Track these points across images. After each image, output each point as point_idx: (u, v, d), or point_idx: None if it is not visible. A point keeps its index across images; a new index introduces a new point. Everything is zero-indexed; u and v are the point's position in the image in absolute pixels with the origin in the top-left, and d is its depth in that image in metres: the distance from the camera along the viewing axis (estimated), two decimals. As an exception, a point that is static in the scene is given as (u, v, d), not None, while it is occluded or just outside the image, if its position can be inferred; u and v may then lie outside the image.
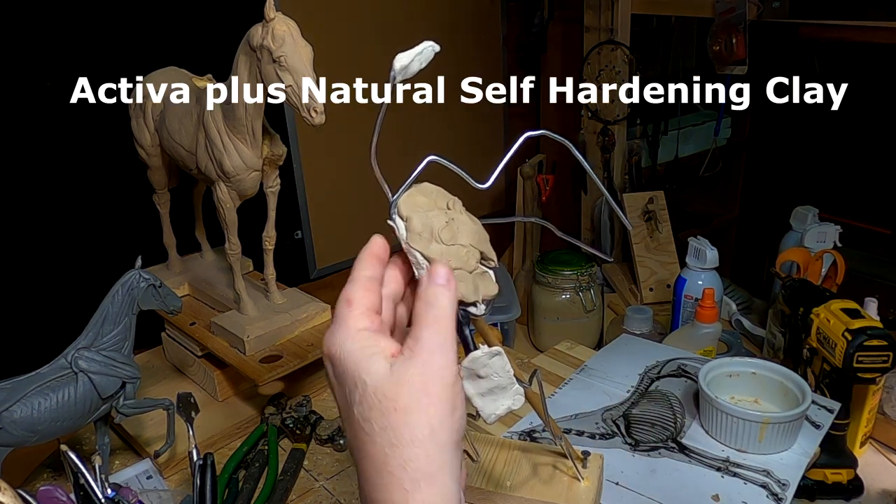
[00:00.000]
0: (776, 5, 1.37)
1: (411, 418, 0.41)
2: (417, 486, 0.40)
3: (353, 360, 0.43)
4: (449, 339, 0.44)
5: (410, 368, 0.42)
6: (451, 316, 0.45)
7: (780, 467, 0.80)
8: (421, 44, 0.48)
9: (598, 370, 1.02)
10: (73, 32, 1.18)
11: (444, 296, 0.45)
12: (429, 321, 0.44)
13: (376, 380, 0.42)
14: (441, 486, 0.41)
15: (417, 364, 0.42)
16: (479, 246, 0.51)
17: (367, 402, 0.42)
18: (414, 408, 0.41)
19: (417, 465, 0.40)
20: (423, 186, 0.51)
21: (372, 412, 0.41)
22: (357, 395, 0.42)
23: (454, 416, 0.42)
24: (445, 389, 0.42)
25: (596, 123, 1.73)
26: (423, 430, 0.41)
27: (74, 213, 1.24)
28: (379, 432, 0.41)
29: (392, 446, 0.41)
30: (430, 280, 0.46)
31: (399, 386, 0.41)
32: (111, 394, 0.80)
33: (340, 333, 0.44)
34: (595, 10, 1.67)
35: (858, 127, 1.69)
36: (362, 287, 0.46)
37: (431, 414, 0.41)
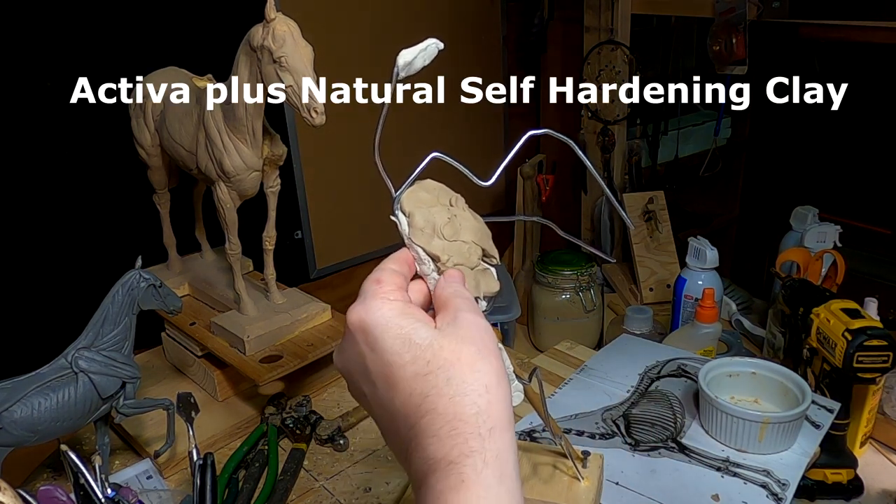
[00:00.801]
0: (776, 5, 1.37)
1: (478, 366, 0.41)
2: (492, 434, 0.40)
3: (396, 324, 0.43)
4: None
5: (461, 327, 0.43)
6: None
7: (780, 467, 0.80)
8: (425, 41, 0.48)
9: (598, 370, 1.02)
10: (73, 32, 1.18)
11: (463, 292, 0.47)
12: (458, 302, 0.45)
13: (429, 339, 0.42)
14: (509, 439, 0.40)
15: (470, 325, 0.43)
16: (481, 243, 0.51)
17: (423, 357, 0.41)
18: (478, 358, 0.41)
19: (491, 412, 0.40)
20: (426, 183, 0.51)
21: (431, 365, 0.41)
22: (409, 355, 0.42)
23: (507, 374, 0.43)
24: (495, 353, 0.43)
25: (596, 123, 1.73)
26: (490, 378, 0.41)
27: (74, 213, 1.23)
28: (445, 383, 0.40)
29: (463, 394, 0.40)
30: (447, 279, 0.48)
31: (458, 341, 0.42)
32: (111, 394, 0.80)
33: (374, 304, 0.44)
34: (595, 10, 1.67)
35: (858, 127, 1.69)
36: (390, 272, 0.47)
37: (493, 365, 0.41)
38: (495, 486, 0.39)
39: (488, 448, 0.39)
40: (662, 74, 1.87)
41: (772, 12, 1.38)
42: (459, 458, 0.39)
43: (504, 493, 0.39)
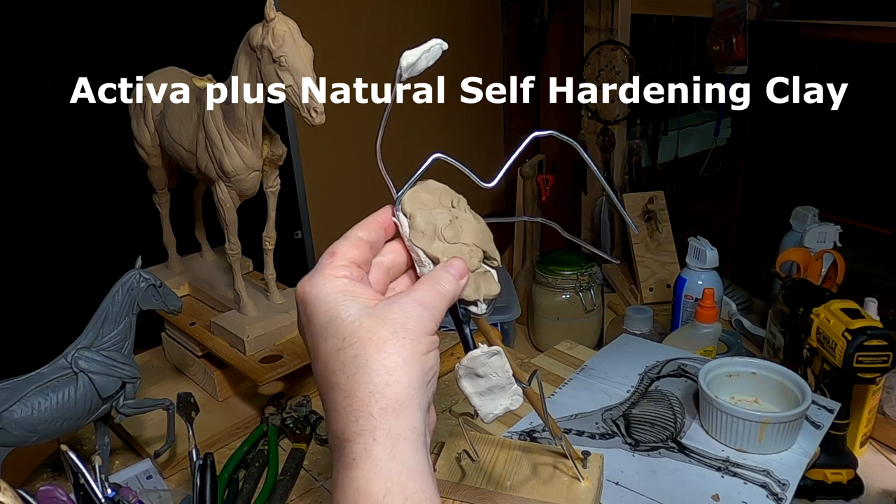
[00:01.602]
0: (776, 5, 1.37)
1: (385, 347, 0.41)
2: (385, 413, 0.40)
3: (331, 299, 0.43)
4: (439, 311, 0.45)
5: (394, 308, 0.43)
6: (447, 302, 0.46)
7: (780, 467, 0.80)
8: (429, 41, 0.47)
9: (597, 370, 1.02)
10: (73, 32, 1.18)
11: (452, 286, 0.47)
12: (429, 286, 0.45)
13: (355, 315, 0.42)
14: (409, 417, 0.41)
15: (402, 307, 0.43)
16: (483, 245, 0.51)
17: (341, 333, 0.42)
18: (389, 339, 0.41)
19: (387, 392, 0.40)
20: (428, 184, 0.51)
21: (345, 342, 0.42)
22: (332, 329, 0.43)
23: (426, 358, 0.43)
24: (424, 334, 0.43)
25: (596, 123, 1.74)
26: (395, 360, 0.41)
27: (74, 213, 1.24)
28: (350, 361, 0.41)
29: (363, 373, 0.41)
30: (445, 266, 0.47)
31: (378, 321, 0.42)
32: (111, 394, 0.80)
33: (318, 278, 0.44)
34: (595, 10, 1.67)
35: (858, 127, 1.68)
36: (350, 243, 0.47)
37: (406, 347, 0.42)
38: (386, 461, 0.39)
39: (379, 427, 0.40)
40: (662, 74, 1.87)
41: (772, 12, 1.38)
42: (351, 437, 0.40)
43: (395, 467, 0.39)
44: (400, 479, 0.39)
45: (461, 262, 0.48)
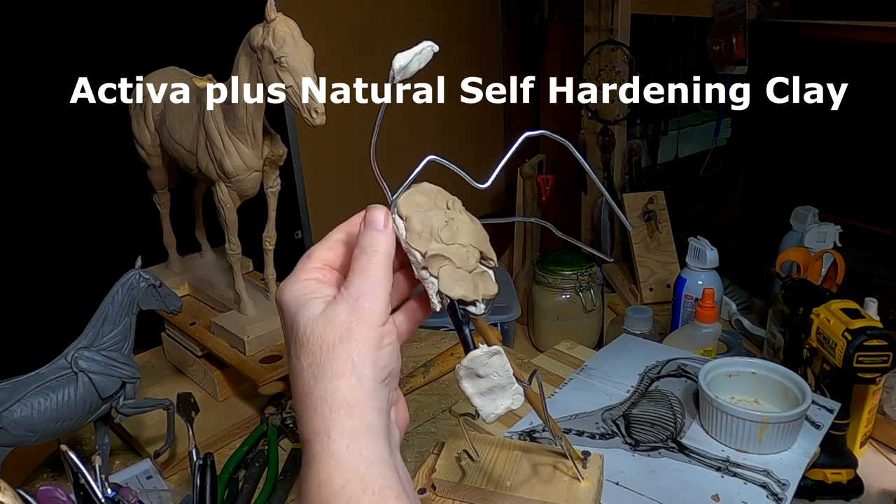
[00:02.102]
0: (776, 5, 1.37)
1: (334, 354, 0.43)
2: (337, 414, 0.42)
3: (295, 302, 0.45)
4: (380, 284, 0.45)
5: (338, 309, 0.44)
6: (385, 261, 0.46)
7: (780, 467, 0.80)
8: (420, 44, 0.48)
9: (597, 370, 1.02)
10: (73, 32, 1.18)
11: (380, 241, 0.47)
12: (360, 267, 0.46)
13: (309, 319, 0.44)
14: (362, 416, 0.42)
15: (345, 307, 0.44)
16: (479, 245, 0.51)
17: (299, 339, 0.44)
18: (337, 346, 0.43)
19: (337, 396, 0.42)
20: (422, 186, 0.51)
21: (302, 349, 0.44)
22: (292, 333, 0.45)
23: (379, 353, 0.44)
24: (371, 329, 0.44)
25: (596, 123, 1.74)
26: (344, 365, 0.43)
27: (74, 213, 1.24)
28: (306, 368, 0.43)
29: (316, 380, 0.43)
30: (367, 226, 0.47)
31: (326, 325, 0.43)
32: (111, 394, 0.80)
33: (289, 283, 0.47)
34: (595, 10, 1.67)
35: (858, 127, 1.68)
36: (327, 246, 0.49)
37: (354, 350, 0.43)
38: (343, 454, 0.41)
39: (333, 426, 0.42)
40: (662, 74, 1.87)
41: (772, 12, 1.38)
42: (310, 437, 0.42)
43: (354, 460, 0.41)
44: (358, 470, 0.41)
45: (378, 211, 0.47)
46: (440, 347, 1.15)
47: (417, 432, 0.98)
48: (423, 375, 1.07)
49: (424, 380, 1.08)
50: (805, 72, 1.50)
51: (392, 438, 0.45)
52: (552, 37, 1.88)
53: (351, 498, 0.40)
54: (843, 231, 1.30)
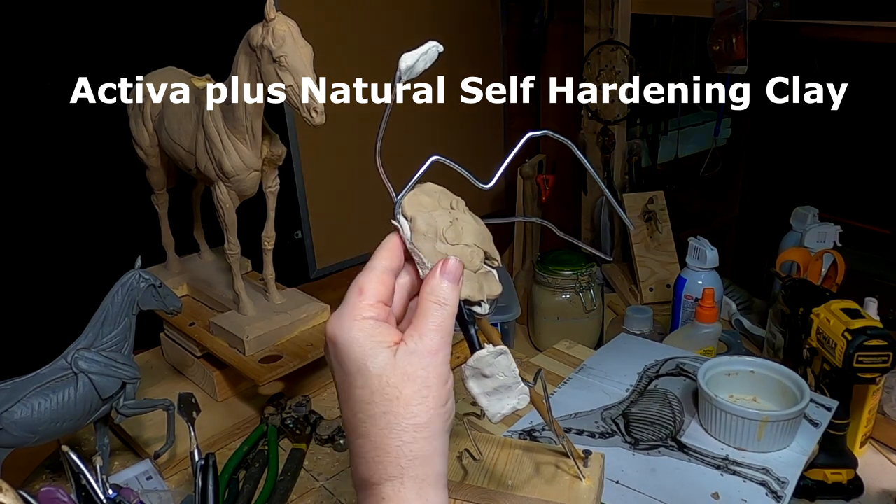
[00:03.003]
0: (776, 5, 1.37)
1: (413, 408, 0.45)
2: (412, 463, 0.45)
3: (359, 346, 0.45)
4: (449, 336, 0.47)
5: (415, 363, 0.45)
6: (454, 314, 0.47)
7: (779, 465, 0.80)
8: (426, 44, 0.48)
9: (597, 369, 1.02)
10: (73, 32, 1.18)
11: (454, 296, 0.48)
12: (437, 322, 0.46)
13: (381, 369, 0.45)
14: (433, 465, 0.46)
15: (422, 361, 0.45)
16: (483, 245, 0.52)
17: (370, 387, 0.45)
18: (416, 399, 0.45)
19: (414, 447, 0.45)
20: (426, 186, 0.51)
21: (374, 396, 0.45)
22: (360, 379, 0.45)
23: (446, 407, 0.47)
24: (443, 385, 0.46)
25: (596, 123, 1.73)
26: (421, 419, 0.45)
27: (74, 214, 1.23)
28: (380, 416, 0.45)
29: (392, 429, 0.45)
30: (444, 276, 0.47)
31: (404, 377, 0.45)
32: (111, 394, 0.80)
33: (347, 320, 0.46)
34: (595, 10, 1.67)
35: (858, 127, 1.68)
36: (376, 278, 0.48)
37: (430, 406, 0.45)
38: (413, 499, 0.45)
39: (407, 474, 0.45)
40: (662, 74, 1.87)
41: (772, 12, 1.38)
42: (380, 481, 0.45)
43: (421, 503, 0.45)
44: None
45: (454, 262, 0.48)
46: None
47: (417, 432, 0.97)
48: (423, 375, 1.07)
49: (424, 380, 1.07)
50: (805, 72, 1.50)
51: None
52: (552, 37, 1.88)
53: None
54: (843, 231, 1.30)
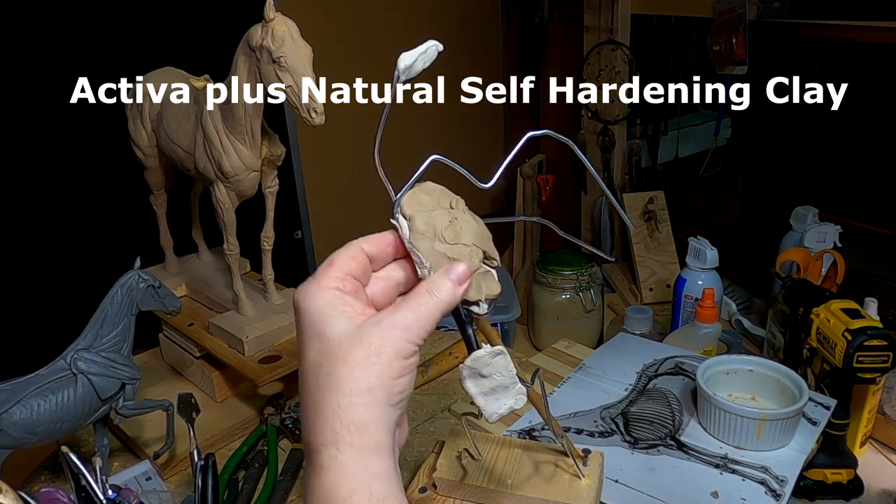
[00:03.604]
0: (776, 5, 1.37)
1: (356, 372, 0.43)
2: (348, 430, 0.43)
3: (319, 313, 0.45)
4: (426, 327, 0.46)
5: (374, 331, 0.44)
6: (440, 312, 0.47)
7: (778, 464, 0.80)
8: (424, 43, 0.48)
9: (596, 369, 1.02)
10: (73, 32, 1.18)
11: (449, 294, 0.47)
12: (417, 305, 0.46)
13: (338, 333, 0.44)
14: (372, 434, 0.43)
15: (382, 330, 0.44)
16: (482, 245, 0.51)
17: (322, 350, 0.44)
18: (362, 364, 0.43)
19: (350, 412, 0.43)
20: (425, 185, 0.51)
21: (324, 359, 0.44)
22: (316, 344, 0.45)
23: (396, 383, 0.44)
24: (397, 359, 0.44)
25: (596, 123, 1.73)
26: (362, 384, 0.43)
27: (74, 214, 1.24)
28: (324, 377, 0.44)
29: (331, 392, 0.43)
30: (447, 273, 0.47)
31: (356, 342, 0.44)
32: (111, 395, 0.80)
33: (312, 288, 0.46)
34: (595, 10, 1.67)
35: (858, 127, 1.68)
36: (349, 253, 0.48)
37: (375, 373, 0.43)
38: (352, 466, 0.42)
39: (342, 440, 0.43)
40: (662, 74, 1.87)
41: (772, 12, 1.38)
42: (318, 447, 0.43)
43: (361, 471, 0.42)
44: (365, 481, 0.42)
45: (464, 267, 0.48)
46: (439, 347, 1.15)
47: (417, 432, 0.97)
48: (422, 375, 1.07)
49: (423, 379, 1.08)
50: (805, 72, 1.49)
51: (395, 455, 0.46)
52: (552, 37, 1.88)
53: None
54: (843, 231, 1.29)
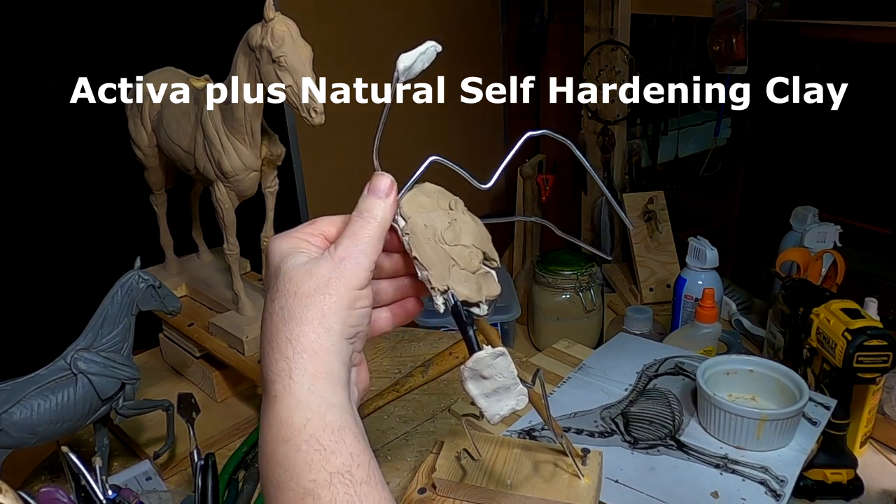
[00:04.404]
0: (776, 5, 1.37)
1: (307, 302, 0.44)
2: (301, 357, 0.43)
3: (280, 253, 0.47)
4: (368, 251, 0.47)
5: (322, 264, 0.45)
6: (378, 231, 0.47)
7: (777, 464, 0.80)
8: (423, 44, 0.48)
9: (596, 369, 1.02)
10: (73, 32, 1.18)
11: (379, 208, 0.48)
12: (353, 231, 0.47)
13: (291, 266, 0.45)
14: (324, 363, 0.43)
15: (328, 264, 0.45)
16: (482, 246, 0.51)
17: (277, 285, 0.46)
18: (313, 295, 0.44)
19: (301, 340, 0.43)
20: (425, 187, 0.51)
21: (278, 293, 0.45)
22: (273, 280, 0.46)
23: (350, 312, 0.45)
24: (348, 290, 0.45)
25: (596, 123, 1.74)
26: (314, 314, 0.44)
27: (74, 214, 1.24)
28: (277, 311, 0.45)
29: (284, 322, 0.44)
30: (369, 191, 0.49)
31: (306, 275, 0.45)
32: (111, 395, 0.80)
33: (282, 236, 0.48)
34: (595, 10, 1.68)
35: (858, 127, 1.68)
36: (331, 220, 0.50)
37: (327, 304, 0.44)
38: (305, 394, 0.42)
39: (294, 367, 0.43)
40: (662, 74, 1.87)
41: (772, 12, 1.38)
42: (273, 377, 0.44)
43: (315, 400, 0.42)
44: (320, 410, 0.42)
45: (384, 178, 0.49)
46: (438, 347, 1.15)
47: (417, 432, 0.97)
48: (422, 375, 1.07)
49: (423, 379, 1.07)
50: (805, 72, 1.50)
51: (351, 395, 0.46)
52: (552, 37, 1.88)
53: (311, 436, 0.41)
54: (843, 231, 1.29)
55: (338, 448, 0.41)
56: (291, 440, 0.41)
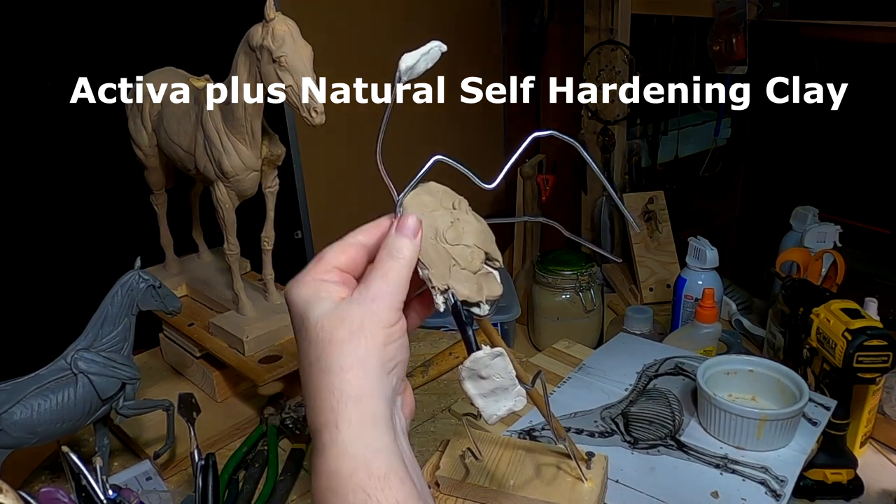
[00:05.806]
0: (776, 5, 1.37)
1: (343, 349, 0.44)
2: (345, 405, 0.43)
3: (303, 301, 0.46)
4: (398, 291, 0.47)
5: (352, 308, 0.45)
6: (407, 269, 0.47)
7: (778, 464, 0.80)
8: (427, 44, 0.47)
9: (596, 369, 1.02)
10: (73, 32, 1.18)
11: (408, 248, 0.47)
12: (383, 271, 0.47)
13: (319, 316, 0.45)
14: (368, 406, 0.44)
15: (360, 306, 0.45)
16: (484, 246, 0.51)
17: (308, 336, 0.45)
18: (347, 340, 0.44)
19: (345, 388, 0.43)
20: (428, 186, 0.51)
21: (311, 345, 0.45)
22: (304, 332, 0.46)
23: (386, 349, 0.45)
24: (380, 328, 0.45)
25: (596, 123, 1.74)
26: (352, 360, 0.44)
27: (74, 214, 1.23)
28: (314, 362, 0.45)
29: (323, 372, 0.44)
30: (399, 230, 0.48)
31: (338, 321, 0.45)
32: (111, 395, 0.80)
33: (298, 283, 0.47)
34: (595, 10, 1.68)
35: (858, 127, 1.68)
36: (339, 248, 0.49)
37: (363, 346, 0.44)
38: (351, 444, 0.43)
39: (341, 416, 0.43)
40: (662, 74, 1.87)
41: (772, 12, 1.38)
42: (319, 427, 0.44)
43: (360, 449, 0.43)
44: (365, 459, 0.42)
45: (413, 219, 0.48)
46: (439, 347, 1.15)
47: (417, 432, 0.97)
48: (422, 375, 1.07)
49: (423, 379, 1.08)
50: (805, 72, 1.50)
51: (398, 425, 0.47)
52: (552, 37, 1.88)
53: (358, 485, 0.42)
54: (843, 231, 1.30)
55: (383, 496, 0.42)
56: (339, 490, 0.42)
